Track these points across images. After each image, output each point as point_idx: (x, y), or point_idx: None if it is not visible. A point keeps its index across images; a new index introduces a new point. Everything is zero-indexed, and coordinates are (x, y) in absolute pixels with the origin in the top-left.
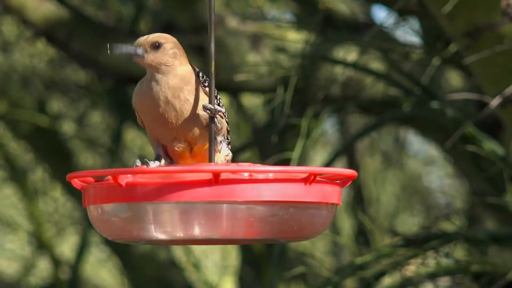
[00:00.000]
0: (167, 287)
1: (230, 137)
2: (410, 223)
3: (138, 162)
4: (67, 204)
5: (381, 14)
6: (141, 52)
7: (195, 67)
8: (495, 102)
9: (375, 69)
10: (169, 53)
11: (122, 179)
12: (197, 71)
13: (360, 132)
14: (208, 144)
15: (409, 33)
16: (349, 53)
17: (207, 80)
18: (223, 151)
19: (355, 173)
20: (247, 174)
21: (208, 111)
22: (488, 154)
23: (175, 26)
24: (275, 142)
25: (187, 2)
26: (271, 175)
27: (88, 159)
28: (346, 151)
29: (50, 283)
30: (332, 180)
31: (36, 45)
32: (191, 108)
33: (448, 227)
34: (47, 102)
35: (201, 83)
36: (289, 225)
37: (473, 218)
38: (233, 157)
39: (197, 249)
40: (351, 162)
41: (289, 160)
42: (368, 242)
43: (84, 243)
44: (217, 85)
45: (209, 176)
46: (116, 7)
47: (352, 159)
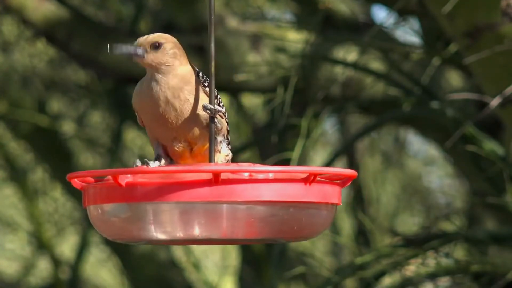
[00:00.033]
0: (167, 287)
1: (230, 137)
2: (410, 223)
3: (138, 162)
4: (67, 204)
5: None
6: (141, 52)
7: (195, 67)
8: (495, 102)
9: (375, 69)
10: (169, 53)
11: (122, 179)
12: (197, 71)
13: (360, 132)
14: (208, 144)
15: (409, 33)
16: (349, 53)
17: (207, 80)
18: (223, 151)
19: (355, 173)
20: (247, 174)
21: (208, 111)
22: (488, 154)
23: (175, 26)
24: (275, 142)
25: (187, 2)
26: (271, 175)
27: (88, 159)
28: (346, 151)
29: (50, 283)
30: (332, 180)
31: (36, 45)
32: (191, 108)
33: (448, 227)
34: (47, 102)
35: (201, 83)
36: (289, 225)
37: (473, 218)
38: (233, 157)
39: (197, 249)
40: (351, 162)
41: (289, 160)
42: (368, 242)
43: (84, 243)
44: (217, 85)
45: (209, 176)
46: (116, 7)
47: (352, 159)
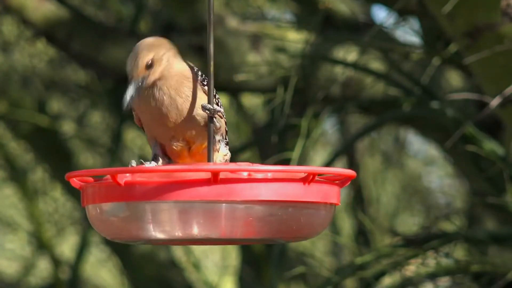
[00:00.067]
0: (167, 287)
1: (229, 137)
2: (410, 223)
3: (133, 162)
4: (67, 204)
5: (381, 14)
6: (144, 81)
7: (190, 63)
8: (495, 102)
9: (375, 69)
10: (163, 60)
11: (121, 178)
12: (195, 70)
13: (360, 132)
14: (206, 143)
15: (409, 33)
16: (349, 53)
17: (205, 79)
18: (221, 151)
19: (354, 173)
20: (246, 174)
21: (208, 111)
22: (488, 154)
23: (175, 26)
24: (275, 142)
25: (187, 2)
26: (269, 175)
27: (88, 159)
28: (346, 151)
29: (50, 283)
30: (331, 180)
31: (36, 45)
32: (191, 106)
33: (448, 227)
34: (47, 102)
35: (199, 82)
36: (288, 225)
37: (473, 218)
38: (233, 157)
39: (197, 249)
40: (351, 162)
41: (289, 160)
42: (368, 242)
43: (84, 243)
44: (217, 85)
45: (208, 175)
46: (116, 7)
47: (352, 159)
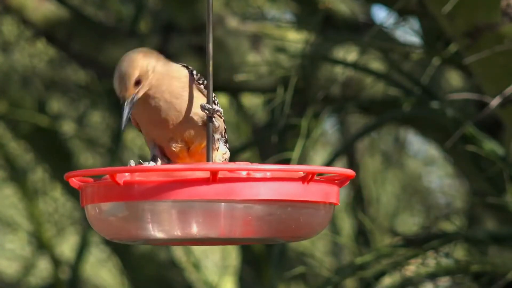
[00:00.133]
0: (167, 287)
1: (229, 137)
2: (410, 223)
3: (131, 162)
4: (67, 204)
5: (381, 14)
6: (135, 97)
7: (182, 64)
8: (495, 102)
9: (375, 69)
10: (149, 72)
11: (120, 177)
12: (190, 70)
13: (360, 132)
14: (205, 142)
15: (409, 33)
16: (349, 53)
17: (201, 78)
18: (220, 149)
19: (353, 172)
20: (245, 173)
21: (207, 111)
22: (488, 154)
23: (175, 26)
24: (275, 142)
25: (187, 2)
26: (268, 174)
27: (88, 159)
28: (346, 151)
29: (50, 283)
30: (330, 179)
31: (36, 45)
32: (188, 106)
33: (448, 227)
34: (47, 102)
35: (195, 81)
36: (287, 224)
37: (473, 218)
38: (233, 157)
39: (197, 249)
40: (351, 162)
41: (289, 160)
42: (368, 242)
43: (84, 243)
44: (217, 85)
45: (207, 174)
46: (116, 7)
47: (352, 159)
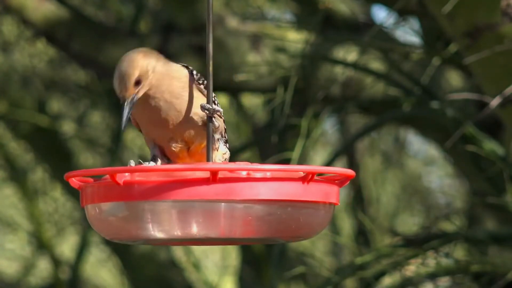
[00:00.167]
0: (167, 287)
1: (229, 138)
2: (410, 223)
3: (131, 162)
4: (67, 204)
5: (381, 14)
6: (135, 97)
7: (182, 64)
8: (495, 102)
9: (375, 69)
10: (149, 72)
11: (120, 177)
12: (190, 69)
13: (360, 132)
14: (205, 142)
15: (409, 33)
16: (349, 53)
17: (201, 78)
18: (220, 149)
19: (353, 172)
20: (244, 173)
21: (207, 111)
22: (488, 154)
23: (175, 26)
24: (275, 142)
25: (187, 2)
26: (268, 174)
27: (88, 159)
28: (346, 151)
29: (50, 283)
30: (330, 179)
31: (36, 45)
32: (188, 106)
33: (448, 227)
34: (47, 102)
35: (195, 81)
36: (286, 224)
37: (473, 218)
38: (233, 157)
39: (197, 249)
40: (351, 162)
41: (289, 160)
42: (368, 242)
43: (84, 243)
44: (217, 85)
45: (207, 174)
46: (116, 7)
47: (352, 159)
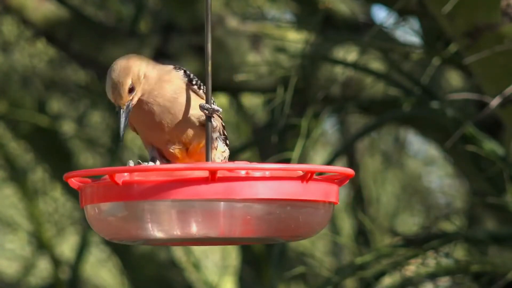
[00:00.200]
0: (167, 287)
1: (230, 138)
2: (410, 223)
3: (130, 162)
4: (67, 204)
5: (381, 14)
6: (130, 105)
7: (172, 65)
8: (495, 102)
9: (375, 69)
10: (141, 78)
11: (119, 177)
12: (183, 71)
13: (360, 132)
14: (203, 142)
15: (409, 33)
16: (349, 53)
17: (194, 79)
18: (219, 148)
19: (352, 171)
20: (244, 172)
21: (206, 111)
22: (488, 154)
23: (175, 26)
24: (275, 142)
25: (187, 2)
26: (267, 173)
27: (88, 159)
28: (346, 151)
29: (50, 283)
30: (330, 179)
31: (36, 45)
32: (182, 108)
33: (448, 227)
34: (47, 102)
35: (188, 82)
36: (286, 223)
37: (473, 218)
38: (233, 157)
39: (197, 249)
40: (351, 162)
41: (289, 160)
42: (368, 242)
43: (84, 243)
44: (217, 85)
45: (206, 174)
46: (116, 7)
47: (352, 159)
